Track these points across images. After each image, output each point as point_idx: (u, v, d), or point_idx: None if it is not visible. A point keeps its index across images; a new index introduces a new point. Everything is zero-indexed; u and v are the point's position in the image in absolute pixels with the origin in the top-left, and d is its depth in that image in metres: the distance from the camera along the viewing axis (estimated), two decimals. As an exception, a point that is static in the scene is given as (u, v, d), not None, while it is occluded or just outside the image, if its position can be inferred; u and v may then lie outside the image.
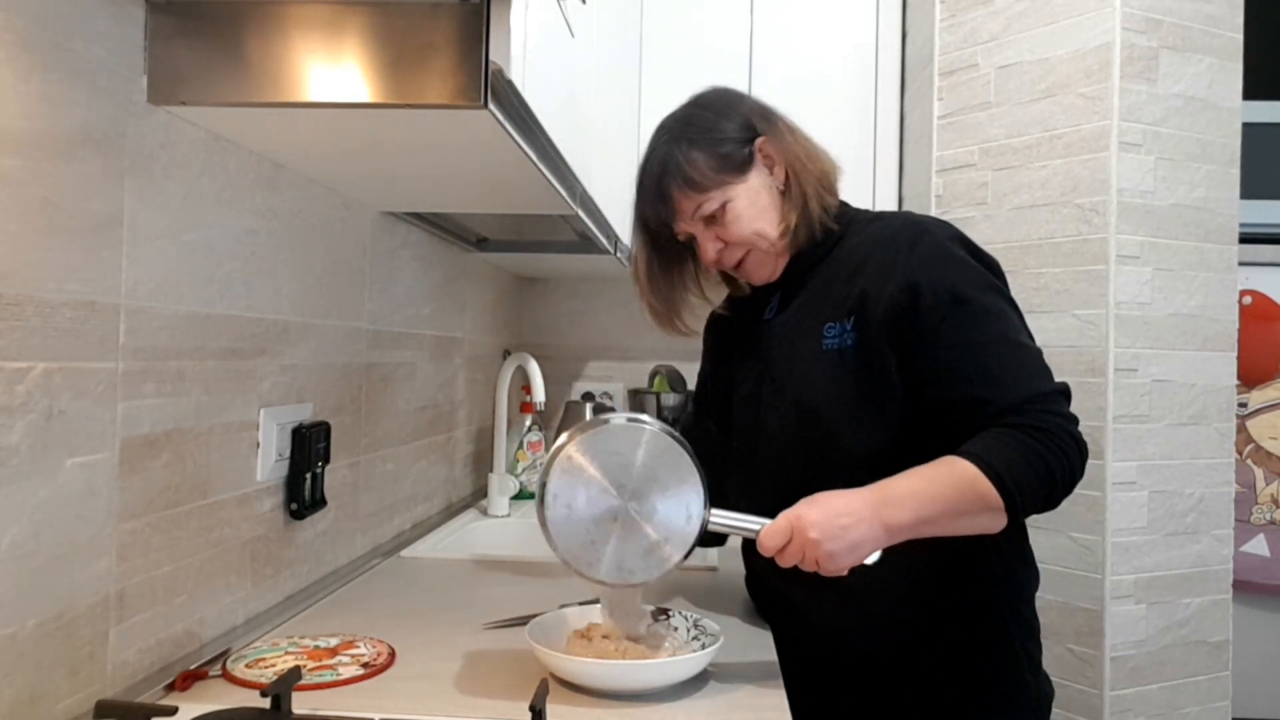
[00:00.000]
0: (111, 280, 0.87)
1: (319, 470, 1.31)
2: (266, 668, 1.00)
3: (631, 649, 1.03)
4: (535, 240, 2.01)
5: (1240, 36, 1.87)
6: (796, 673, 1.10)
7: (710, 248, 1.15)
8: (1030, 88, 1.88)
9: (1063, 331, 1.82)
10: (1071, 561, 1.80)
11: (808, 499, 0.97)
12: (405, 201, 1.51)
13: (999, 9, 1.93)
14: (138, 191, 0.91)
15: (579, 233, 1.76)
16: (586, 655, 1.01)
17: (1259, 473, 2.23)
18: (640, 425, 0.99)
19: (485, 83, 0.87)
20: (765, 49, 2.26)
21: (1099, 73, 1.78)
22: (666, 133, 1.16)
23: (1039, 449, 0.97)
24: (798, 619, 1.19)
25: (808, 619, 1.17)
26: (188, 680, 0.95)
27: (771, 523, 0.96)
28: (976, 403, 1.02)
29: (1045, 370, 1.05)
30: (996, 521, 0.99)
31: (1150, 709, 1.77)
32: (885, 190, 2.25)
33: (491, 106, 0.88)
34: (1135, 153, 1.78)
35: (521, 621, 1.14)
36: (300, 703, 0.89)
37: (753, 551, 1.24)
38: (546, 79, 1.03)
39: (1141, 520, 1.78)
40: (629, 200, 1.20)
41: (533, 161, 1.08)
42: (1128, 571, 1.76)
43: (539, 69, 0.98)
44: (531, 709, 0.81)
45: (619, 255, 1.93)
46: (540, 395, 1.87)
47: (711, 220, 1.14)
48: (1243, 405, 2.22)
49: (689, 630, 1.10)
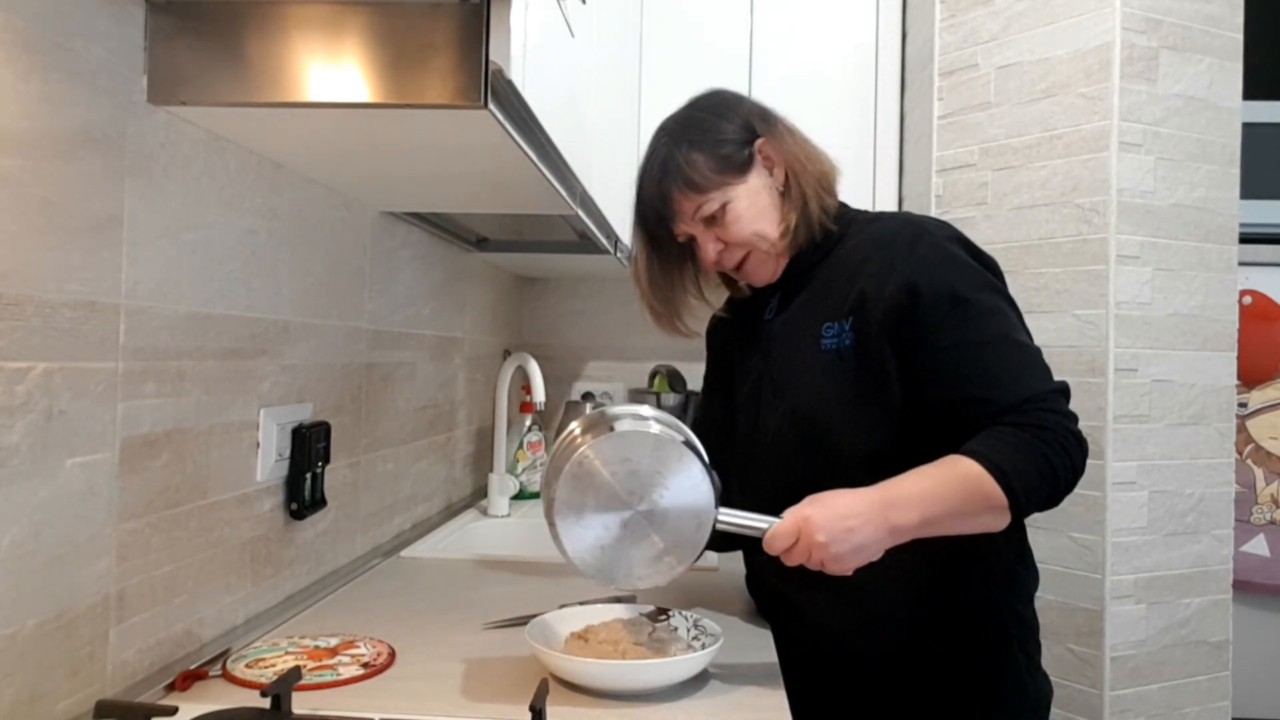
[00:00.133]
0: (111, 280, 0.87)
1: (319, 470, 1.31)
2: (266, 668, 1.00)
3: (631, 649, 1.03)
4: (535, 240, 2.01)
5: (1240, 36, 1.86)
6: (796, 673, 1.10)
7: (711, 248, 1.15)
8: (1030, 88, 1.88)
9: (1063, 331, 1.82)
10: (1071, 561, 1.80)
11: (813, 498, 0.97)
12: (405, 201, 1.51)
13: (999, 9, 1.92)
14: (138, 191, 0.91)
15: (579, 233, 1.76)
16: (585, 656, 1.01)
17: (1259, 473, 2.23)
18: (647, 429, 0.98)
19: (485, 83, 0.87)
20: (765, 49, 2.26)
21: (1099, 73, 1.78)
22: (666, 134, 1.16)
23: (1041, 447, 0.97)
24: (798, 619, 1.19)
25: (808, 619, 1.17)
26: (188, 680, 0.95)
27: (778, 523, 0.97)
28: (977, 402, 1.02)
29: (1045, 369, 1.05)
30: (1000, 520, 0.99)
31: (1150, 709, 1.77)
32: (885, 190, 2.24)
33: (491, 106, 0.88)
34: (1135, 153, 1.78)
35: (521, 621, 1.14)
36: (300, 703, 0.88)
37: (754, 550, 1.25)
38: (546, 79, 1.03)
39: (1141, 520, 1.78)
40: (629, 200, 1.20)
41: (533, 161, 1.08)
42: (1128, 571, 1.76)
43: (539, 69, 0.98)
44: (531, 709, 0.81)
45: (619, 255, 1.93)
46: (540, 395, 1.87)
47: (712, 221, 1.14)
48: (1243, 405, 2.22)
49: (689, 630, 1.10)
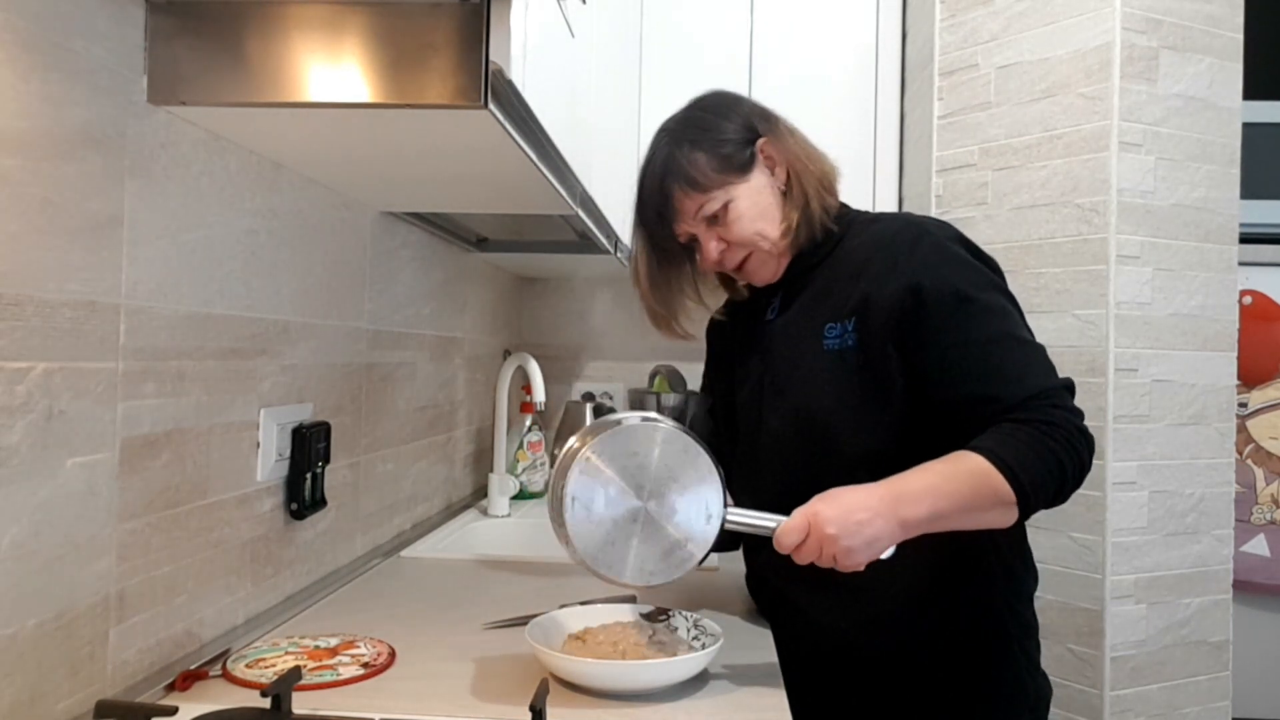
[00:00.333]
0: (111, 280, 0.87)
1: (319, 470, 1.31)
2: (267, 668, 1.00)
3: (631, 649, 1.03)
4: (535, 240, 2.01)
5: (1240, 36, 1.86)
6: (797, 672, 1.10)
7: (713, 248, 1.15)
8: (1030, 88, 1.88)
9: (1063, 331, 1.82)
10: (1071, 561, 1.80)
11: (822, 495, 0.98)
12: (405, 201, 1.51)
13: (999, 9, 1.93)
14: (138, 191, 0.91)
15: (579, 233, 1.76)
16: (585, 656, 1.01)
17: (1259, 473, 2.23)
18: (655, 424, 0.98)
19: (485, 83, 0.87)
20: (765, 49, 2.26)
21: (1099, 73, 1.78)
22: (668, 134, 1.16)
23: (1049, 443, 0.98)
24: (798, 618, 1.19)
25: (808, 618, 1.17)
26: (188, 680, 0.95)
27: (788, 520, 0.97)
28: (984, 400, 1.02)
29: (1050, 366, 1.05)
30: (1008, 516, 1.00)
31: (1150, 709, 1.77)
32: (885, 190, 2.24)
33: (491, 106, 0.88)
34: (1135, 153, 1.78)
35: (521, 621, 1.14)
36: (300, 703, 0.88)
37: (755, 549, 1.25)
38: (546, 79, 1.03)
39: (1141, 520, 1.78)
40: (629, 200, 1.20)
41: (533, 161, 1.08)
42: (1128, 571, 1.76)
43: (539, 69, 0.98)
44: (531, 709, 0.80)
45: (619, 255, 1.93)
46: (540, 395, 1.87)
47: (713, 221, 1.14)
48: (1243, 405, 2.22)
49: (689, 630, 1.10)
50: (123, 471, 0.90)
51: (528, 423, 2.27)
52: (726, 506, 0.99)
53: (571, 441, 1.00)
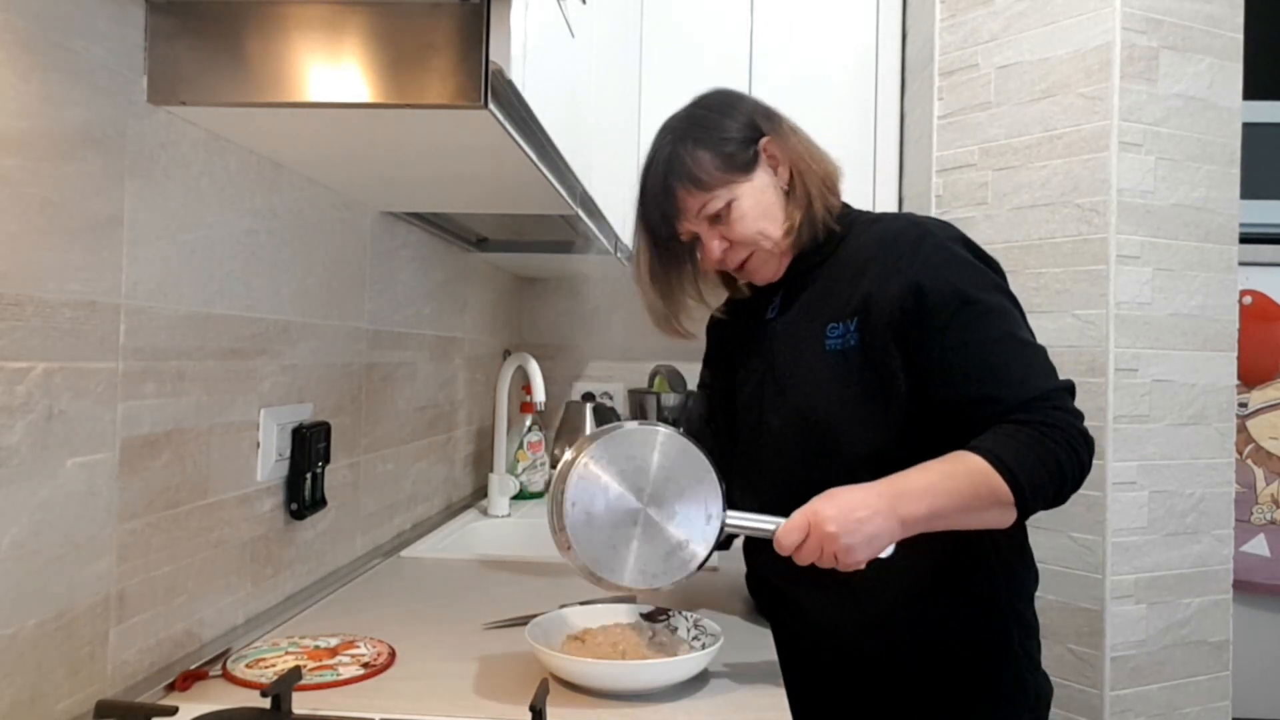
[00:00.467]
0: (111, 280, 0.87)
1: (319, 470, 1.31)
2: (267, 668, 1.00)
3: (631, 649, 1.03)
4: (535, 240, 2.01)
5: (1240, 36, 1.86)
6: (797, 672, 1.10)
7: (715, 246, 1.15)
8: (1030, 88, 1.88)
9: (1063, 331, 1.82)
10: (1071, 561, 1.80)
11: (822, 495, 0.98)
12: (405, 201, 1.51)
13: (999, 9, 1.92)
14: (138, 191, 0.91)
15: (579, 233, 1.76)
16: (585, 656, 1.01)
17: (1259, 473, 2.23)
18: (654, 427, 0.99)
19: (485, 83, 0.87)
20: (765, 49, 2.26)
21: (1099, 73, 1.78)
22: (671, 132, 1.16)
23: (1048, 445, 0.98)
24: (798, 618, 1.19)
25: (809, 617, 1.17)
26: (188, 680, 0.95)
27: (788, 521, 0.97)
28: (985, 401, 1.02)
29: (1051, 368, 1.05)
30: (1007, 516, 1.00)
31: (1150, 709, 1.77)
32: (885, 190, 2.24)
33: (491, 106, 0.88)
34: (1135, 153, 1.78)
35: (521, 621, 1.14)
36: (300, 703, 0.88)
37: (755, 549, 1.25)
38: (546, 79, 1.03)
39: (1142, 520, 1.78)
40: (629, 200, 1.20)
41: (533, 161, 1.08)
42: (1128, 571, 1.76)
43: (539, 69, 0.98)
44: (531, 709, 0.80)
45: (619, 255, 1.93)
46: (540, 395, 1.87)
47: (716, 219, 1.14)
48: (1243, 405, 2.22)
49: (689, 630, 1.10)
50: (123, 471, 0.90)
51: (528, 423, 2.26)
52: (725, 507, 0.99)
53: (570, 452, 1.01)
